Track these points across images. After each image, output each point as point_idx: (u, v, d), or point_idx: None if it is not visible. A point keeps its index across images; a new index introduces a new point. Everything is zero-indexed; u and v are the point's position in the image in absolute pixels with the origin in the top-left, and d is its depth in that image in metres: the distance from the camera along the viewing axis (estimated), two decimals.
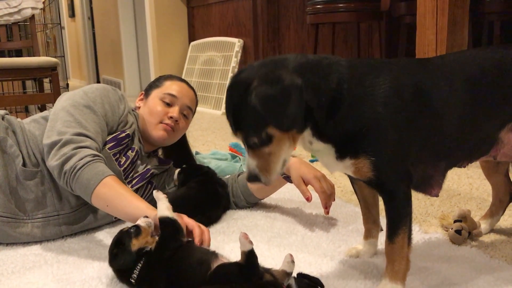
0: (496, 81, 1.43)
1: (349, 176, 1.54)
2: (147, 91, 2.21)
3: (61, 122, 1.79)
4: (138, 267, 1.40)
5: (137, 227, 1.47)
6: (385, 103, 1.31)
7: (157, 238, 1.47)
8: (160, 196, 1.55)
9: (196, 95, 2.25)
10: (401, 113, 1.32)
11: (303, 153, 3.12)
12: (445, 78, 1.41)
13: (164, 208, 1.51)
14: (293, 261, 1.37)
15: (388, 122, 1.31)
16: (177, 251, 1.41)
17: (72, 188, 1.71)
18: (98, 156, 1.75)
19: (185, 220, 1.60)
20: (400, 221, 1.36)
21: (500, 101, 1.45)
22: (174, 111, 2.10)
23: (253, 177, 1.29)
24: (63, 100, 1.91)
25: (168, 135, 2.11)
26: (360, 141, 1.32)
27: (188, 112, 2.17)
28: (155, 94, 2.14)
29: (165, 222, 1.49)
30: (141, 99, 2.22)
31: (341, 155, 1.35)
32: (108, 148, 1.90)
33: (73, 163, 1.68)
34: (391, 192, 1.36)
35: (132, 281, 1.41)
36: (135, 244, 1.42)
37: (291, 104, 1.18)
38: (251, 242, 1.28)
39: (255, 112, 1.19)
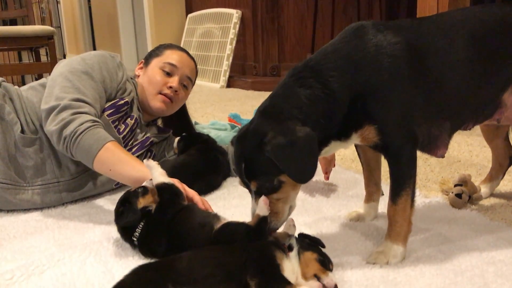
0: (499, 39, 1.41)
1: None
2: (147, 60, 2.18)
3: (59, 88, 1.77)
4: (141, 226, 1.41)
5: (144, 188, 1.47)
6: (379, 68, 1.31)
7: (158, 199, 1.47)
8: (151, 164, 1.52)
9: (196, 65, 2.22)
10: (398, 75, 1.32)
11: None
12: (445, 36, 1.39)
13: (158, 175, 1.50)
14: (294, 225, 1.39)
15: (385, 86, 1.31)
16: (177, 214, 1.41)
17: (72, 154, 1.70)
18: (98, 121, 1.74)
19: (185, 189, 1.58)
20: (404, 183, 1.36)
21: (502, 61, 1.43)
22: (174, 81, 2.08)
23: (263, 223, 1.30)
24: (61, 66, 1.88)
25: (167, 106, 2.09)
26: (362, 111, 1.32)
27: (187, 83, 2.15)
28: (155, 63, 2.11)
29: (162, 189, 1.47)
30: (141, 68, 2.19)
31: (346, 135, 1.37)
32: (107, 115, 1.88)
33: (73, 128, 1.67)
34: (396, 154, 1.36)
35: (134, 239, 1.41)
36: (141, 202, 1.42)
37: (311, 160, 1.25)
38: (268, 209, 1.29)
39: (269, 163, 1.23)
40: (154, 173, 1.50)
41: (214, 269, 1.12)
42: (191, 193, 1.59)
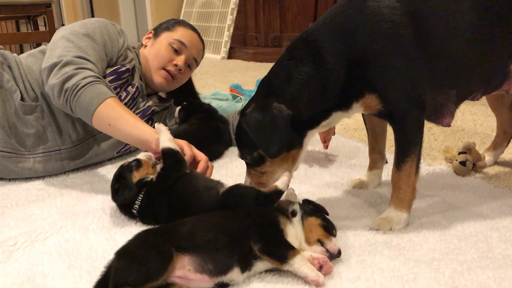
0: (508, 1, 1.36)
1: None
2: (156, 31, 2.14)
3: (61, 48, 1.74)
4: (140, 198, 1.40)
5: (138, 160, 1.45)
6: (376, 35, 1.27)
7: (158, 169, 1.46)
8: (162, 128, 1.52)
9: (204, 47, 2.19)
10: (396, 41, 1.28)
11: None
12: None
13: (166, 139, 1.49)
14: (294, 194, 1.39)
15: (383, 52, 1.28)
16: (179, 180, 1.41)
17: (72, 107, 1.66)
18: (100, 78, 1.71)
19: (194, 151, 1.57)
20: (409, 149, 1.34)
21: (511, 26, 1.39)
22: (180, 60, 2.05)
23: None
24: (62, 30, 1.85)
25: (167, 83, 2.07)
26: (361, 80, 1.29)
27: (192, 63, 2.13)
28: (165, 37, 2.08)
29: (167, 153, 1.47)
30: (149, 38, 2.15)
31: (347, 105, 1.34)
32: (108, 81, 1.86)
33: (76, 81, 1.63)
34: (401, 120, 1.33)
35: (134, 212, 1.41)
36: (136, 176, 1.41)
37: (278, 136, 1.28)
38: (287, 186, 1.30)
39: (248, 134, 1.29)
40: (162, 137, 1.49)
41: (217, 234, 1.11)
42: (200, 156, 1.57)
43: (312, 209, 1.28)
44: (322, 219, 1.22)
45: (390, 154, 1.71)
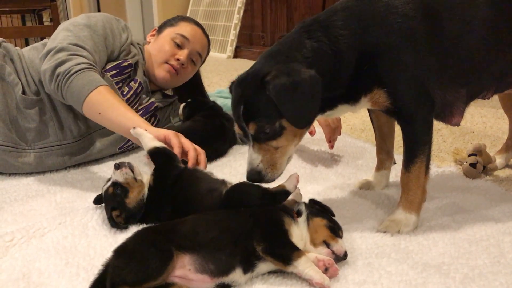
0: None
1: None
2: (160, 28, 2.12)
3: (60, 38, 1.72)
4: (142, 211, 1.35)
5: (120, 185, 1.32)
6: (388, 29, 1.23)
7: (146, 177, 1.38)
8: (139, 131, 1.45)
9: (209, 43, 2.16)
10: (408, 37, 1.23)
11: None
12: None
13: (148, 140, 1.43)
14: (300, 194, 1.34)
15: (394, 48, 1.23)
16: (179, 177, 1.36)
17: (63, 93, 1.63)
18: (94, 66, 1.68)
19: (182, 140, 1.51)
20: (417, 149, 1.30)
21: None
22: (183, 54, 2.02)
23: (255, 174, 1.22)
24: (65, 22, 1.84)
25: (171, 77, 2.04)
26: (370, 74, 1.25)
27: (196, 58, 2.09)
28: (168, 32, 2.05)
29: (155, 153, 1.41)
30: (153, 35, 2.14)
31: (355, 99, 1.30)
32: (110, 76, 1.83)
33: (68, 66, 1.61)
34: (409, 119, 1.29)
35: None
36: (130, 202, 1.32)
37: (312, 104, 1.17)
38: (296, 187, 1.25)
39: (271, 103, 1.15)
40: (144, 140, 1.43)
41: (219, 233, 1.07)
42: (187, 146, 1.49)
43: (318, 209, 1.23)
44: (328, 220, 1.18)
45: (398, 155, 1.67)
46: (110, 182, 1.35)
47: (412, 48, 1.25)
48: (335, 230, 1.16)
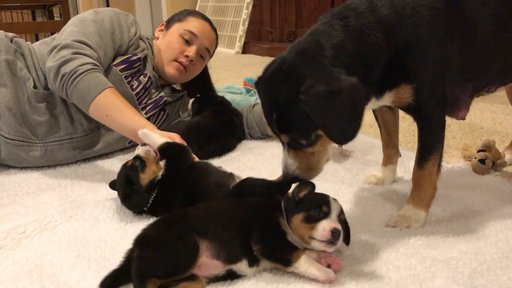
0: None
1: None
2: (168, 23, 2.13)
3: (66, 34, 1.75)
4: (152, 198, 1.37)
5: (140, 159, 1.38)
6: (418, 22, 1.19)
7: (162, 165, 1.41)
8: (146, 132, 1.48)
9: (217, 37, 2.16)
10: (438, 30, 1.21)
11: None
12: None
13: (156, 138, 1.46)
14: None
15: (425, 41, 1.20)
16: (191, 169, 1.38)
17: (68, 94, 1.66)
18: (98, 66, 1.70)
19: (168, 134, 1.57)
20: (432, 147, 1.30)
21: None
22: (191, 51, 2.03)
23: (291, 179, 1.16)
24: (74, 17, 1.86)
25: (180, 74, 2.05)
26: (399, 68, 1.21)
27: (205, 53, 2.10)
28: (176, 28, 2.06)
29: (166, 148, 1.44)
30: (161, 30, 2.14)
31: (380, 92, 1.24)
32: (119, 70, 1.85)
33: (74, 67, 1.63)
34: (427, 117, 1.28)
35: (145, 209, 1.38)
36: (144, 178, 1.36)
37: (355, 116, 1.05)
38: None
39: (306, 116, 1.04)
40: (152, 138, 1.46)
41: (229, 221, 1.09)
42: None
43: (295, 204, 1.11)
44: (304, 211, 1.07)
45: (401, 148, 1.67)
46: (134, 154, 1.41)
47: (440, 42, 1.22)
48: (311, 217, 1.05)
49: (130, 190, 1.36)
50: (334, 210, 1.08)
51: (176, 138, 1.54)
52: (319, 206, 1.06)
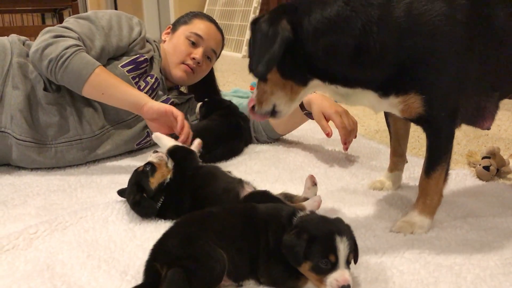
0: None
1: None
2: (174, 26, 2.16)
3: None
4: (160, 201, 1.39)
5: (151, 165, 1.41)
6: (436, 33, 1.17)
7: (171, 166, 1.44)
8: (157, 135, 1.59)
9: (223, 38, 2.19)
10: (456, 42, 1.19)
11: None
12: None
13: (167, 141, 1.55)
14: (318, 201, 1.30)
15: (443, 54, 1.18)
16: (198, 172, 1.41)
17: (57, 78, 1.72)
18: (81, 46, 1.75)
19: (181, 117, 1.68)
20: (440, 157, 1.31)
21: None
22: (198, 53, 2.06)
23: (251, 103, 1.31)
24: None
25: (188, 76, 2.09)
26: (409, 76, 1.20)
27: (211, 55, 2.13)
28: (182, 31, 2.09)
29: (174, 151, 1.49)
30: (168, 33, 2.18)
31: (384, 92, 1.24)
32: (126, 71, 1.89)
33: (59, 51, 1.68)
34: (438, 128, 1.28)
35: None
36: (153, 182, 1.39)
37: (269, 54, 1.15)
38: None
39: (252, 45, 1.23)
40: (163, 141, 1.55)
41: (239, 241, 1.08)
42: (185, 122, 1.69)
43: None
44: (311, 261, 1.00)
45: (407, 155, 1.68)
46: (147, 161, 1.45)
47: (458, 57, 1.20)
48: (320, 268, 1.00)
49: (140, 197, 1.38)
50: (342, 256, 1.01)
51: (174, 109, 1.68)
52: (326, 255, 1.00)
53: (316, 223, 1.07)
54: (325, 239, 1.01)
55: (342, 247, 1.01)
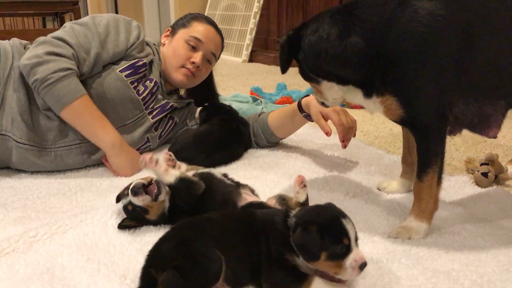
0: None
1: None
2: (173, 28, 2.17)
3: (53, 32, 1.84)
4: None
5: (140, 207, 1.33)
6: (408, 33, 1.22)
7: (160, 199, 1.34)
8: (156, 166, 1.37)
9: (223, 39, 2.20)
10: (430, 48, 1.22)
11: None
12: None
13: (170, 175, 1.36)
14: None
15: (412, 55, 1.22)
16: (198, 201, 1.36)
17: (39, 95, 1.74)
18: (72, 68, 1.75)
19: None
20: (430, 160, 1.32)
21: None
22: (197, 57, 2.06)
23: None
24: None
25: (188, 80, 2.09)
26: (382, 78, 1.27)
27: (211, 58, 2.14)
28: (181, 34, 2.10)
29: (175, 188, 1.36)
30: (167, 36, 2.18)
31: (367, 92, 1.33)
32: (125, 76, 1.90)
33: (45, 74, 1.69)
34: (422, 129, 1.30)
35: None
36: (151, 217, 1.36)
37: (280, 57, 1.47)
38: (303, 189, 1.30)
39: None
40: (159, 171, 1.36)
41: (239, 248, 1.07)
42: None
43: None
44: (325, 250, 1.01)
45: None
46: (128, 199, 1.34)
47: (434, 62, 1.23)
48: (336, 253, 1.01)
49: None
50: (353, 236, 1.03)
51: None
52: (340, 240, 1.01)
53: (316, 214, 1.07)
54: (334, 225, 1.03)
55: (350, 227, 1.03)
